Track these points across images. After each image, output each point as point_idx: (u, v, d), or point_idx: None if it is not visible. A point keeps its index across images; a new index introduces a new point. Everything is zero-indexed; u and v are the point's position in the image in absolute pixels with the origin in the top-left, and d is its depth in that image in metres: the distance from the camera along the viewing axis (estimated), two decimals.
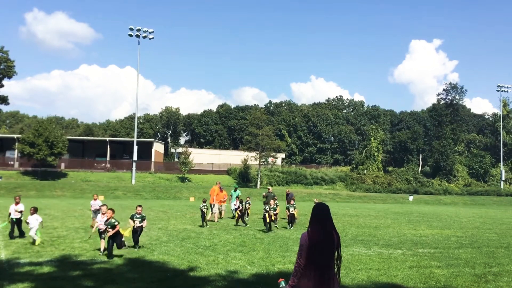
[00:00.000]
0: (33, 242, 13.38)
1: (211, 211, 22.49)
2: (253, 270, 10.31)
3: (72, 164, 65.90)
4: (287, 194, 24.93)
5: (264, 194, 25.28)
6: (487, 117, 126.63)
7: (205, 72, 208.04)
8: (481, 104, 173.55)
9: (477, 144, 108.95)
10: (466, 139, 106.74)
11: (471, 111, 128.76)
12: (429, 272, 10.54)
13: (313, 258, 4.80)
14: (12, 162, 64.61)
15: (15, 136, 67.10)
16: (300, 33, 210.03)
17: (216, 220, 22.20)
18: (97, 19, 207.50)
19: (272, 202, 19.84)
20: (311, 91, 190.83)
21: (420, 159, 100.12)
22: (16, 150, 62.76)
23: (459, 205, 60.80)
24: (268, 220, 18.44)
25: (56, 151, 56.35)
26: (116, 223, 11.80)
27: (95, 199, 19.99)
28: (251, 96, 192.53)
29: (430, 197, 69.12)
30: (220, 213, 23.85)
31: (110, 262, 10.96)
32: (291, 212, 20.61)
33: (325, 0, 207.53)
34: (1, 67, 59.42)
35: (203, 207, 20.23)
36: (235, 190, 24.61)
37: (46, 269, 9.86)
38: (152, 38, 61.40)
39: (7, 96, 62.92)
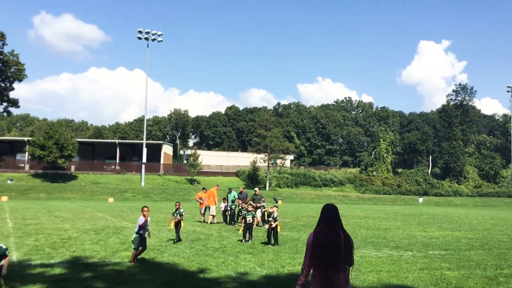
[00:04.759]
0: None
1: (209, 213, 22.40)
2: (263, 271, 10.30)
3: (82, 166, 66.31)
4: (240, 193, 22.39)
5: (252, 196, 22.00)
6: (497, 118, 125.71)
7: (213, 74, 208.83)
8: (490, 105, 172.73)
9: (488, 145, 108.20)
10: (476, 140, 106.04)
11: (481, 112, 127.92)
12: (440, 274, 10.48)
13: (318, 258, 4.85)
14: (22, 165, 65.13)
15: (26, 139, 67.66)
16: (306, 33, 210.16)
17: (214, 221, 22.15)
18: (106, 21, 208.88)
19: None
20: (319, 92, 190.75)
21: (430, 161, 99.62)
22: (27, 153, 63.26)
23: (470, 207, 60.36)
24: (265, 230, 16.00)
25: (66, 153, 56.72)
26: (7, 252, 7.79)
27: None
28: (259, 97, 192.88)
29: (440, 198, 68.71)
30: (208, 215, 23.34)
31: (121, 263, 11.01)
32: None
33: (331, 1, 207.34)
34: (12, 70, 59.84)
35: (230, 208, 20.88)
36: (230, 192, 22.81)
37: (57, 270, 9.92)
38: (161, 40, 61.70)
39: (17, 99, 63.37)
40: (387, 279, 9.77)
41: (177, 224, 15.05)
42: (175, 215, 15.06)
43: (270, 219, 15.20)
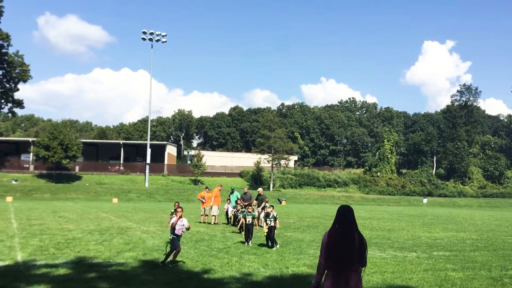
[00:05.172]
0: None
1: (211, 213, 22.35)
2: (267, 272, 10.30)
3: (86, 167, 66.43)
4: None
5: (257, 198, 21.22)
6: (502, 118, 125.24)
7: (217, 75, 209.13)
8: (495, 105, 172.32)
9: (492, 145, 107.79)
10: (481, 141, 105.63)
11: (486, 112, 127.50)
12: (445, 275, 10.45)
13: (331, 258, 4.94)
14: (27, 165, 65.33)
15: (30, 139, 67.89)
16: (310, 34, 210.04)
17: (216, 222, 22.14)
18: (111, 22, 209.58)
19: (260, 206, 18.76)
20: (323, 93, 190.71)
21: (434, 161, 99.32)
22: (31, 153, 63.47)
23: (474, 208, 60.19)
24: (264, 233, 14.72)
25: (71, 154, 56.83)
26: None
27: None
28: (263, 98, 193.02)
29: (445, 199, 68.54)
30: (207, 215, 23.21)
31: (125, 264, 11.03)
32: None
33: (335, 1, 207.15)
34: (17, 71, 60.04)
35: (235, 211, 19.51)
36: (232, 192, 22.58)
37: (61, 271, 9.94)
38: (165, 41, 61.70)
39: (22, 100, 63.57)
40: (391, 280, 9.75)
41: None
42: (174, 214, 14.73)
43: (270, 218, 14.33)
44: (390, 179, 78.30)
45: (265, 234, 14.48)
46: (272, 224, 14.29)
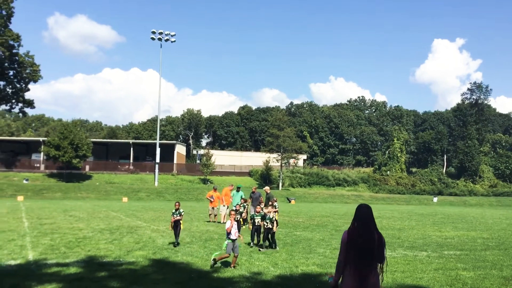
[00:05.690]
0: None
1: (219, 212, 22.32)
2: (277, 271, 10.30)
3: (96, 166, 66.81)
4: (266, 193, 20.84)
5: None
6: None
7: (226, 74, 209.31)
8: (506, 103, 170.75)
9: (503, 144, 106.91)
10: (492, 139, 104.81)
11: (496, 110, 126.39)
12: (455, 274, 10.38)
13: (351, 256, 5.03)
14: (38, 165, 65.84)
15: (41, 139, 68.38)
16: (318, 32, 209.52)
17: (225, 221, 22.10)
18: (120, 22, 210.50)
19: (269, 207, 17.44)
20: (332, 92, 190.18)
21: (445, 160, 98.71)
22: (42, 153, 63.95)
23: (485, 207, 59.71)
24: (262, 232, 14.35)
25: (81, 153, 57.20)
26: None
27: None
28: (271, 97, 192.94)
29: (455, 198, 68.07)
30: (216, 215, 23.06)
31: (136, 263, 11.08)
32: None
33: None
34: (27, 71, 60.47)
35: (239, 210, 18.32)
36: (237, 191, 22.16)
37: (72, 270, 10.00)
38: (174, 41, 61.82)
39: (33, 100, 64.01)
40: (401, 280, 9.71)
41: (176, 227, 14.18)
42: (175, 215, 14.26)
43: (266, 220, 13.95)
44: (400, 178, 77.93)
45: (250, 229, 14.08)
46: (269, 226, 13.90)
